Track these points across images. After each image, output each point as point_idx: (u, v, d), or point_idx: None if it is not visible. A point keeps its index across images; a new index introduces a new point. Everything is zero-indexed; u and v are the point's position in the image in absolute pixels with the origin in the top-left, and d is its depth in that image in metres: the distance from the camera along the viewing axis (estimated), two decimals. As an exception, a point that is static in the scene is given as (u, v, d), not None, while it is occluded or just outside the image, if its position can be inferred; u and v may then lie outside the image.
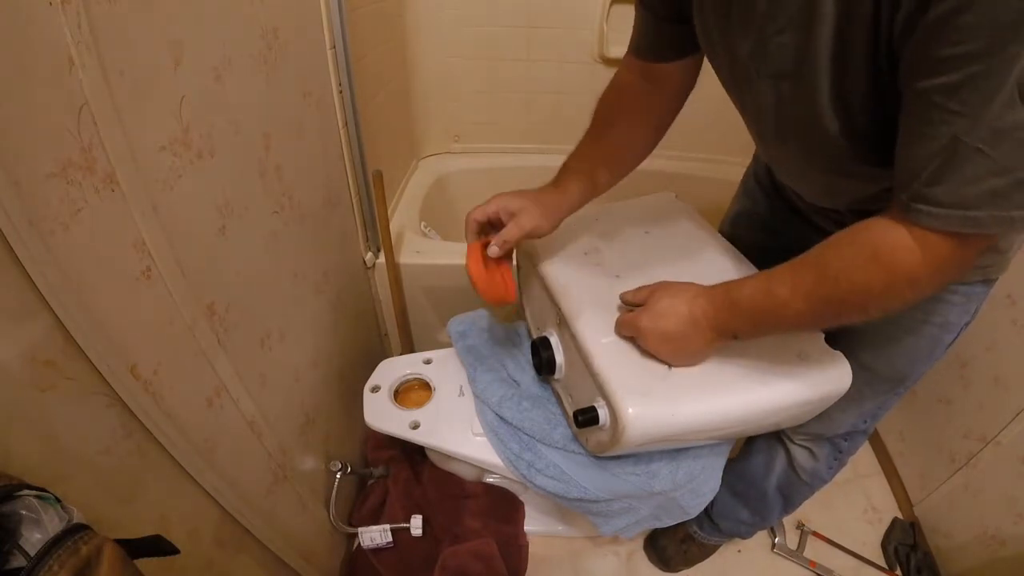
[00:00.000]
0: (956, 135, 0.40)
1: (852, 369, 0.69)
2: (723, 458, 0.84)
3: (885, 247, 0.48)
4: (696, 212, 0.93)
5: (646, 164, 0.79)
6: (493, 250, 0.70)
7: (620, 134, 0.75)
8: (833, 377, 0.66)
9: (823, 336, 0.70)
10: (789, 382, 0.65)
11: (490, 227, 0.73)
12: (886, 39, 0.42)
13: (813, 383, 0.66)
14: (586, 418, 0.66)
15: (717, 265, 0.81)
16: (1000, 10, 0.35)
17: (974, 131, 0.40)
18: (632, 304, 0.68)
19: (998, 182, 0.41)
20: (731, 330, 0.61)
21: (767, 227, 0.85)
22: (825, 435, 0.81)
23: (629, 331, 0.66)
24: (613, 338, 0.68)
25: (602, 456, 0.78)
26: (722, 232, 0.90)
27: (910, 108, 0.43)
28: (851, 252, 0.51)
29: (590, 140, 0.75)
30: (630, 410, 0.61)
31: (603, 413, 0.65)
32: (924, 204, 0.44)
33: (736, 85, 0.62)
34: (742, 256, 0.83)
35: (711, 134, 1.51)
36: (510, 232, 0.68)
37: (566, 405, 0.82)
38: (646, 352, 0.66)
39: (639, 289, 0.68)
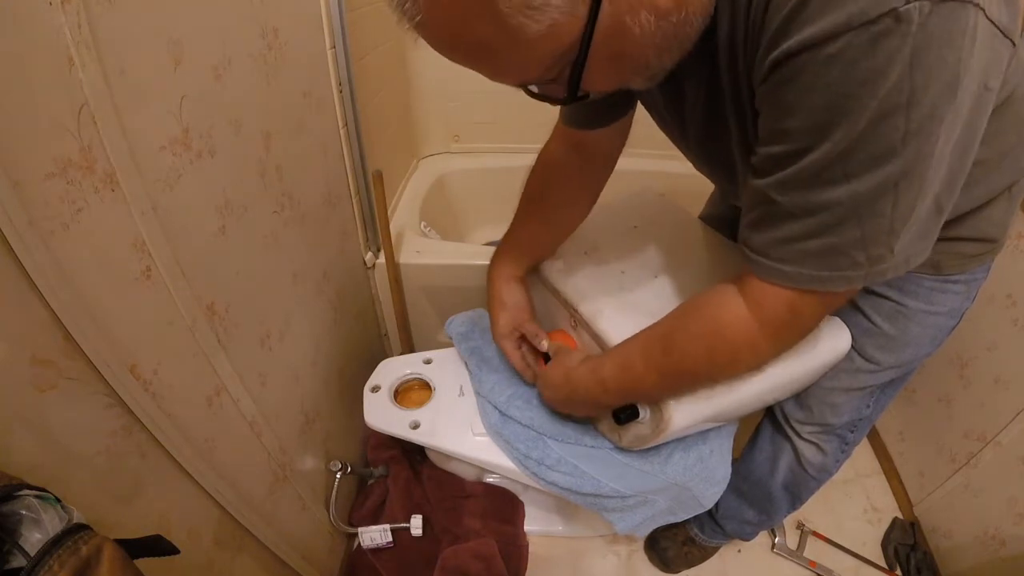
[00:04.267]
0: (775, 197, 0.43)
1: (857, 362, 0.72)
2: (730, 440, 0.84)
3: (725, 320, 0.51)
4: (674, 203, 0.94)
5: (637, 165, 0.81)
6: (544, 344, 0.81)
7: (557, 217, 0.80)
8: (838, 340, 0.70)
9: None
10: (803, 350, 0.68)
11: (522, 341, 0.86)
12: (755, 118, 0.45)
13: (822, 348, 0.69)
14: (627, 414, 0.68)
15: (706, 248, 0.83)
16: (817, 94, 0.36)
17: (791, 199, 0.42)
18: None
19: (810, 244, 0.43)
20: (601, 403, 0.68)
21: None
22: (834, 425, 0.81)
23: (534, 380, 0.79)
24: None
25: (627, 449, 0.79)
26: None
27: (753, 162, 0.46)
28: (694, 326, 0.55)
29: (526, 226, 0.80)
30: (671, 399, 0.63)
31: (643, 407, 0.67)
32: (748, 249, 0.48)
33: (686, 152, 0.66)
34: (725, 239, 0.84)
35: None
36: (532, 330, 0.82)
37: None
38: None
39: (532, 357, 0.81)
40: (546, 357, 0.82)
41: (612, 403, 0.67)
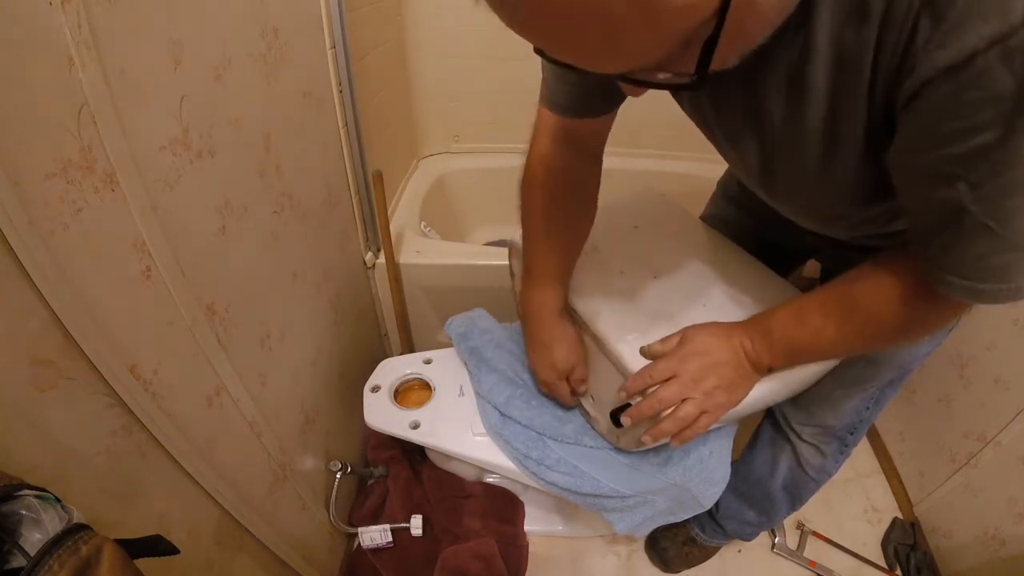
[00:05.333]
0: (964, 208, 0.40)
1: (857, 362, 0.71)
2: (729, 440, 0.84)
3: (911, 294, 0.50)
4: (675, 203, 0.94)
5: (638, 165, 0.79)
6: (583, 389, 0.80)
7: (580, 230, 0.76)
8: None
9: None
10: None
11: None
12: (883, 111, 0.41)
13: None
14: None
15: (707, 249, 0.83)
16: (1002, 83, 0.33)
17: (982, 205, 0.39)
18: (660, 353, 0.64)
19: (1006, 258, 0.41)
20: (767, 363, 0.61)
21: (745, 230, 0.87)
22: (834, 426, 0.81)
23: (668, 372, 0.61)
24: (637, 334, 0.68)
25: (624, 450, 0.79)
26: None
27: (917, 176, 0.42)
28: (881, 292, 0.53)
29: (559, 249, 0.76)
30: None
31: None
32: (937, 270, 0.45)
33: (715, 139, 0.61)
34: (728, 240, 0.84)
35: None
36: (582, 374, 0.79)
37: (586, 405, 0.82)
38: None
39: (666, 339, 0.64)
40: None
41: (774, 363, 0.61)
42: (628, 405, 0.67)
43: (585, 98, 0.64)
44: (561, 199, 0.73)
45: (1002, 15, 0.31)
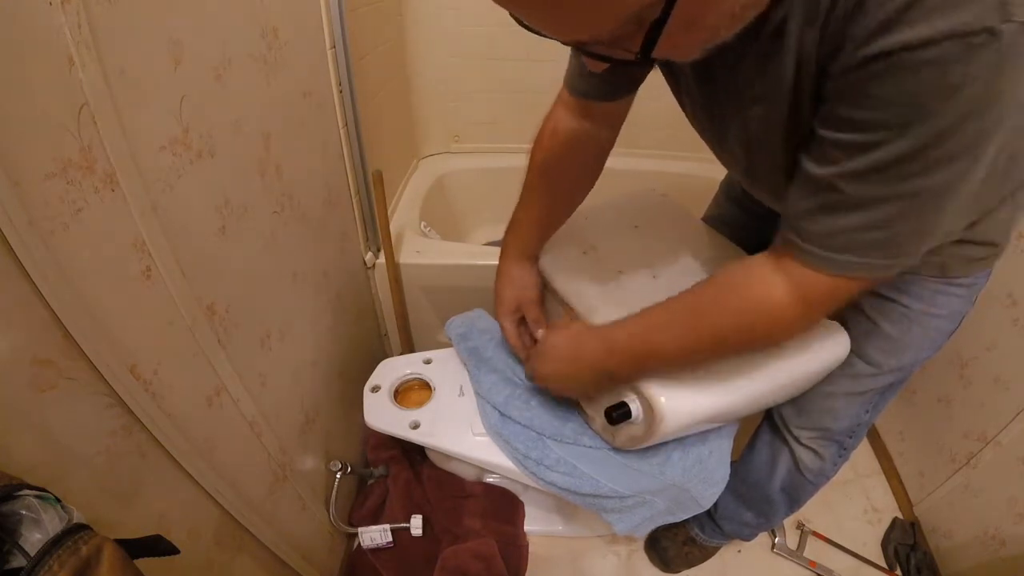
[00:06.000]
0: (841, 187, 0.43)
1: (858, 366, 0.72)
2: (729, 441, 0.84)
3: (766, 299, 0.52)
4: (676, 203, 0.94)
5: (640, 165, 0.79)
6: (541, 334, 0.81)
7: (569, 190, 0.79)
8: (838, 343, 0.70)
9: None
10: (800, 354, 0.68)
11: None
12: (817, 100, 0.45)
13: (820, 352, 0.69)
14: (619, 414, 0.67)
15: (708, 250, 0.83)
16: (905, 92, 0.37)
17: (860, 190, 0.42)
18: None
19: (869, 235, 0.44)
20: (608, 369, 0.65)
21: (747, 230, 0.87)
22: (832, 430, 0.81)
23: (529, 370, 0.74)
24: None
25: (622, 449, 0.79)
26: None
27: (811, 148, 0.46)
28: (730, 301, 0.55)
29: (540, 200, 0.78)
30: (663, 399, 0.64)
31: (635, 407, 0.67)
32: (797, 237, 0.48)
33: (711, 141, 0.65)
34: (728, 241, 0.84)
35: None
36: (534, 315, 0.82)
37: (584, 404, 0.82)
38: None
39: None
40: None
41: (617, 370, 0.65)
42: (623, 404, 0.67)
43: (601, 85, 0.66)
44: (559, 161, 0.75)
45: (910, 26, 0.35)
